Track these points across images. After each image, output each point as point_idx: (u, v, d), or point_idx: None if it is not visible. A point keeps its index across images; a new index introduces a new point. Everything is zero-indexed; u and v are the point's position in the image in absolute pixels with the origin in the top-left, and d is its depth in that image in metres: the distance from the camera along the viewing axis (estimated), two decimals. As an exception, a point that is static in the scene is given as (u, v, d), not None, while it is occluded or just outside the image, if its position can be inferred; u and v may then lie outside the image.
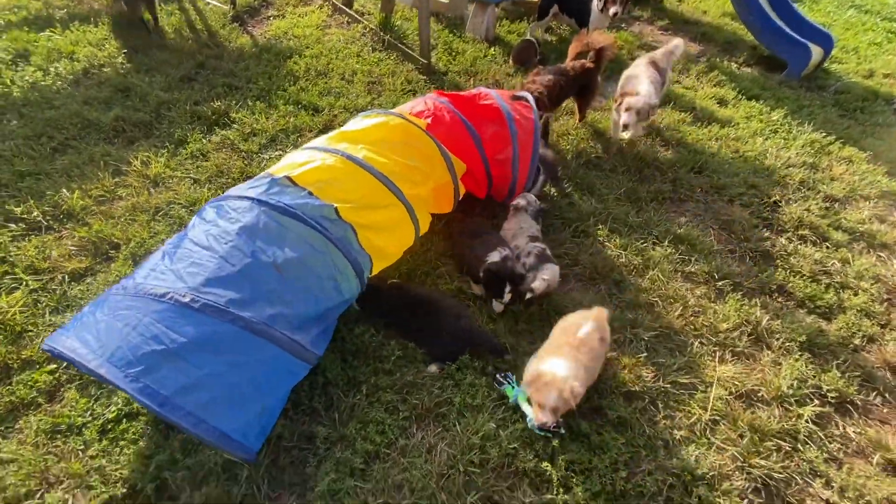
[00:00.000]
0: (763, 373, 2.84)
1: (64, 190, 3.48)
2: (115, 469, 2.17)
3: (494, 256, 2.85)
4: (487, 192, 3.60)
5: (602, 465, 2.30)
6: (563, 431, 2.37)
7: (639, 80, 4.24)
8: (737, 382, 2.75)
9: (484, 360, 2.73)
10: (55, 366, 2.54)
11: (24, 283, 2.90)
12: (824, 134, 4.96)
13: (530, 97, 3.56)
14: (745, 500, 2.28)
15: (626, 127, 4.04)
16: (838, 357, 2.97)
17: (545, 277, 2.86)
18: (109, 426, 2.33)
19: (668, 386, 2.70)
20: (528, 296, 2.87)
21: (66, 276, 2.97)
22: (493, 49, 5.62)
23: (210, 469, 2.16)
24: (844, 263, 3.65)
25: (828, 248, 3.76)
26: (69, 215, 3.37)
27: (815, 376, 2.83)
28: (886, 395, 2.83)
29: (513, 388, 2.52)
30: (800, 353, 2.96)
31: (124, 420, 2.34)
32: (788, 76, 5.92)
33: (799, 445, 2.53)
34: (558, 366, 2.30)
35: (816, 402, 2.72)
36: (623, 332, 2.94)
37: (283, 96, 4.57)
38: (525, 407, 2.41)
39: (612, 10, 4.99)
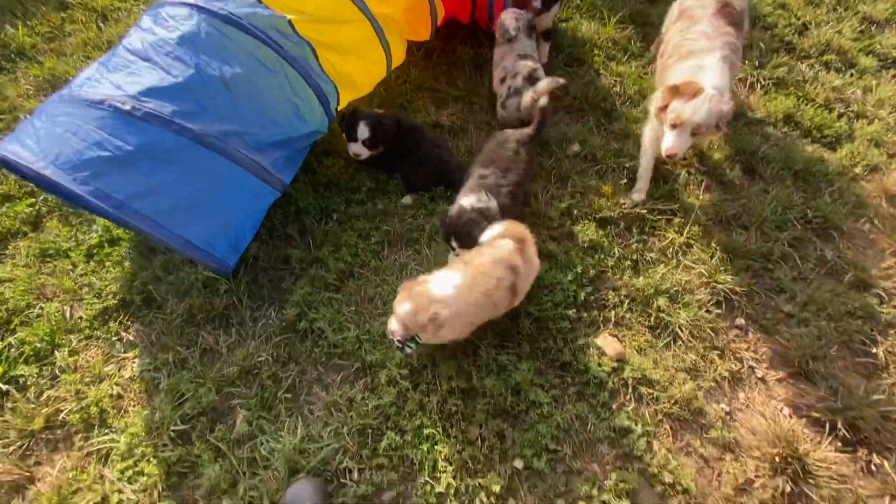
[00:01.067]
0: (749, 200, 2.74)
1: (8, 27, 3.21)
2: (105, 285, 2.32)
3: (464, 201, 2.23)
4: (471, 15, 3.20)
5: (566, 279, 2.37)
6: (408, 351, 1.97)
7: (705, 62, 2.40)
8: (718, 209, 2.68)
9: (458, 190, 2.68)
10: (33, 199, 2.58)
11: (-13, 122, 2.83)
12: (885, -60, 4.14)
13: None
14: (704, 310, 2.36)
15: (671, 155, 2.32)
16: (833, 185, 2.83)
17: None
18: (94, 251, 2.43)
19: (646, 212, 2.65)
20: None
21: (28, 115, 2.86)
22: None
23: (191, 283, 2.29)
24: (866, 91, 3.30)
25: (852, 74, 3.38)
26: (20, 54, 3.15)
27: (802, 203, 2.74)
28: (876, 221, 2.75)
29: None
30: (792, 181, 2.83)
31: (107, 245, 2.44)
32: None
33: (770, 265, 2.54)
34: (441, 283, 1.86)
35: (798, 227, 2.67)
36: (606, 162, 2.82)
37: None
38: None
39: None
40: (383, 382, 2.07)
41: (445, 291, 1.84)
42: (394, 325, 1.85)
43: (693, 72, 2.38)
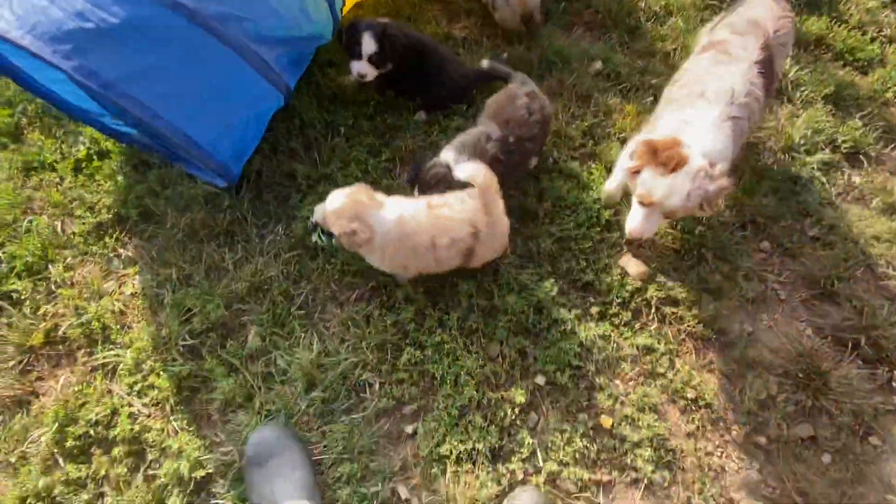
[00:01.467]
0: (778, 123, 2.62)
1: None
2: (97, 199, 2.16)
3: (444, 154, 2.04)
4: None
5: (589, 199, 2.26)
6: (314, 239, 1.90)
7: (701, 116, 1.83)
8: (747, 131, 2.55)
9: (476, 104, 2.51)
10: (10, 109, 2.36)
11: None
12: None
13: None
14: (729, 232, 2.28)
15: (635, 237, 1.90)
16: (864, 109, 2.71)
17: None
18: (82, 164, 2.25)
19: (672, 133, 2.51)
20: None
21: None
22: None
23: (192, 198, 2.14)
24: (902, 14, 3.11)
25: (889, -5, 3.17)
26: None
27: (832, 127, 2.62)
28: (905, 147, 2.65)
29: None
30: (822, 105, 2.69)
31: (96, 158, 2.26)
32: None
33: (797, 189, 2.44)
34: (391, 209, 1.73)
35: (827, 151, 2.56)
36: (630, 80, 2.65)
37: None
38: None
39: None
40: (400, 299, 1.99)
41: (385, 219, 1.70)
42: (317, 213, 1.75)
43: (681, 126, 1.81)
